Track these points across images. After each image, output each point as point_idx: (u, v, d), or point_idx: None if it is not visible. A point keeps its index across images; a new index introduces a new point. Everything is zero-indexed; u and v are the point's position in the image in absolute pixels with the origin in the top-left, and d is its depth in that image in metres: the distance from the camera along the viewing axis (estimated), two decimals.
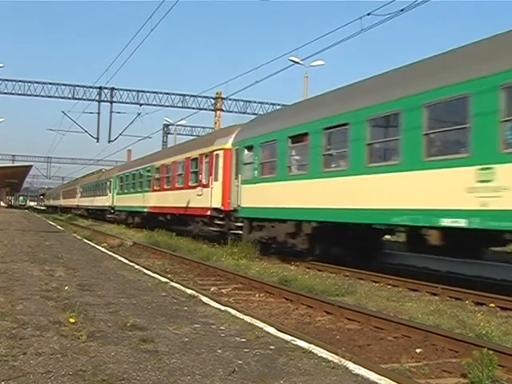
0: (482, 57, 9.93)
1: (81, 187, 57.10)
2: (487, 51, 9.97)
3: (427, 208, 10.53)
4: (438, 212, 10.23)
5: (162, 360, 4.74)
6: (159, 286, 9.46)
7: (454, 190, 9.91)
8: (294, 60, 28.22)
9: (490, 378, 4.92)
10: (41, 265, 11.42)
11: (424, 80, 10.97)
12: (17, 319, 6.00)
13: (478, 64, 9.84)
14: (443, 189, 10.18)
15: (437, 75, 10.68)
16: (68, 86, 40.92)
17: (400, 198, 11.28)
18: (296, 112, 16.43)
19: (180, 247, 19.34)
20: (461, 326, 7.64)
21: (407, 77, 11.88)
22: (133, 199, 33.73)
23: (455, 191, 9.86)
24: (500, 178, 9.04)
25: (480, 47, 10.29)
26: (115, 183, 39.86)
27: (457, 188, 9.82)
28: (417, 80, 11.27)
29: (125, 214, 36.48)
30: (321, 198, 13.90)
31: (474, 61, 10.05)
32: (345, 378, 4.53)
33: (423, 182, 10.69)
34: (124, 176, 37.70)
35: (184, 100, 43.02)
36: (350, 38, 18.16)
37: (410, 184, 11.04)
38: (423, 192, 10.65)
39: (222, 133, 22.27)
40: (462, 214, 9.71)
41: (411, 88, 11.15)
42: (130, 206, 34.69)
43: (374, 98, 12.24)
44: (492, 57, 9.67)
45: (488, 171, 9.24)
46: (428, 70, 11.26)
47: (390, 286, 11.53)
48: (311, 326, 7.96)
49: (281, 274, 12.23)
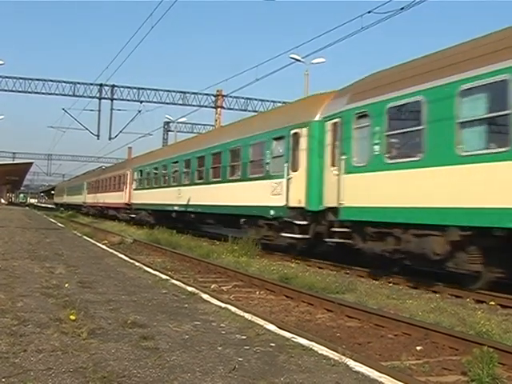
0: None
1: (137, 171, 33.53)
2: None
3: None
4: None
5: (163, 357, 4.74)
6: (160, 283, 9.46)
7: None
8: (295, 57, 28.24)
9: (491, 376, 4.92)
10: (41, 262, 11.43)
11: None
12: (17, 316, 6.00)
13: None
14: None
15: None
16: (69, 83, 41.01)
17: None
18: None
19: (181, 245, 19.34)
20: (461, 323, 7.64)
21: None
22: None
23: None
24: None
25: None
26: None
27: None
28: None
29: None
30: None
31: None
32: (345, 375, 4.53)
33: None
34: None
35: (185, 97, 43.09)
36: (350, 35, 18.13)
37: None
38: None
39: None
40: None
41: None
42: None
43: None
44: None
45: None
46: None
47: (391, 284, 11.52)
48: (312, 323, 7.96)
49: (281, 272, 12.23)
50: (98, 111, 41.93)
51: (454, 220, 9.73)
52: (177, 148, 29.39)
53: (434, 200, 10.07)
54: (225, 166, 19.89)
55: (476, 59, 9.57)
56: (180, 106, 43.63)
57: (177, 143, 34.17)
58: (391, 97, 11.37)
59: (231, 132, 20.98)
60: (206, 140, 24.09)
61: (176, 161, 26.14)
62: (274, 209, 15.75)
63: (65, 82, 40.94)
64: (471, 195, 9.38)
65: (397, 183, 11.10)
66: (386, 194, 11.34)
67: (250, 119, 22.91)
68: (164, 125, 56.96)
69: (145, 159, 32.87)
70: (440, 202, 9.95)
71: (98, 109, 41.88)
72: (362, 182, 12.14)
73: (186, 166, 24.65)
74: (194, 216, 23.81)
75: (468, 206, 9.43)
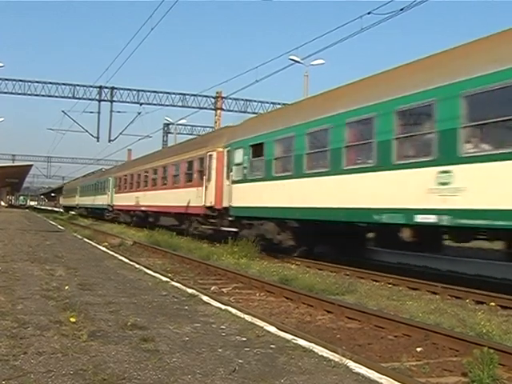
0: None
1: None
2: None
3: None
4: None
5: (163, 359, 4.74)
6: (160, 285, 9.46)
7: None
8: (295, 59, 28.25)
9: (491, 377, 4.92)
10: (41, 264, 11.42)
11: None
12: (17, 319, 6.00)
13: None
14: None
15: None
16: (68, 85, 41.06)
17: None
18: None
19: (180, 246, 19.33)
20: (461, 324, 7.63)
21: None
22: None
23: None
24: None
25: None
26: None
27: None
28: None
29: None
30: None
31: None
32: (345, 376, 4.53)
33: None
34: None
35: (184, 99, 43.14)
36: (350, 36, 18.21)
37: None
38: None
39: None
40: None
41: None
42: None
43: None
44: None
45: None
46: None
47: (391, 285, 11.53)
48: (312, 325, 7.96)
49: (281, 273, 12.23)
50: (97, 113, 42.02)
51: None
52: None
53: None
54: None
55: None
56: (180, 107, 43.75)
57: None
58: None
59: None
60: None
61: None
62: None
63: (64, 84, 41.05)
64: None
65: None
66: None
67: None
68: (164, 127, 57.03)
69: (261, 124, 18.03)
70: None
71: (97, 111, 41.97)
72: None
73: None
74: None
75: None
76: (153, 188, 30.02)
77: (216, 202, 20.06)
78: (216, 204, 20.07)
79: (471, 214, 9.52)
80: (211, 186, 20.67)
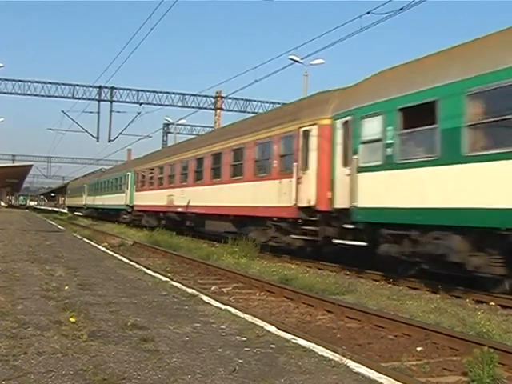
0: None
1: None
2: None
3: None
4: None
5: (163, 359, 4.74)
6: (160, 285, 9.46)
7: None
8: (294, 59, 28.25)
9: (491, 376, 4.91)
10: (41, 264, 11.42)
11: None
12: (17, 319, 6.00)
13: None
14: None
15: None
16: (68, 85, 41.05)
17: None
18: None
19: (180, 246, 19.34)
20: (461, 324, 7.63)
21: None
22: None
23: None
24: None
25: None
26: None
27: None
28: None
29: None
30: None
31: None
32: (345, 376, 4.53)
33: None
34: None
35: (184, 99, 43.12)
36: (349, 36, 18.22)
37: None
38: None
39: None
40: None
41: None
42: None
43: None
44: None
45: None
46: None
47: (391, 285, 11.52)
48: (312, 324, 7.96)
49: (281, 273, 12.23)
50: (97, 113, 42.00)
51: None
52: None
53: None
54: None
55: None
56: (179, 107, 43.74)
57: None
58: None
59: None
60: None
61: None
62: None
63: (64, 84, 41.03)
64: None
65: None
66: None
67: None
68: (163, 126, 57.03)
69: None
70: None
71: (97, 111, 41.95)
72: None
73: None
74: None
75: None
76: (196, 183, 23.36)
77: (319, 200, 13.91)
78: (319, 203, 13.93)
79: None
80: (309, 176, 14.41)
